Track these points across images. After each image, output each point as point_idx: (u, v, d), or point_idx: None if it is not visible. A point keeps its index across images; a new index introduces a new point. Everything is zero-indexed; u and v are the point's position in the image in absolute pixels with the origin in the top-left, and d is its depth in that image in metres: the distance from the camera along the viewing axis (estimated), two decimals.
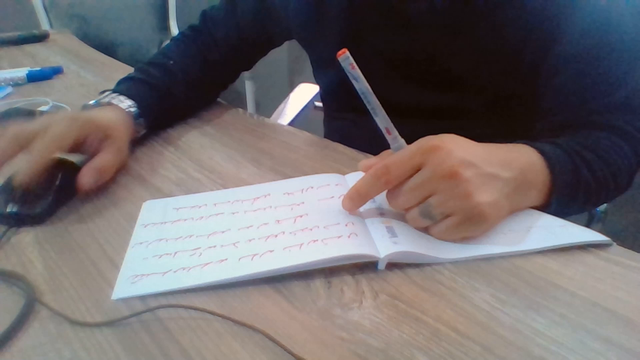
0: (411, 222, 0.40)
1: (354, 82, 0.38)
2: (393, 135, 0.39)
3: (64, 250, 0.41)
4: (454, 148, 0.37)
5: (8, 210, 0.43)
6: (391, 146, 0.40)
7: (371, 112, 0.39)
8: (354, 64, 0.37)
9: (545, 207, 0.44)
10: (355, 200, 0.40)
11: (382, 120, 0.39)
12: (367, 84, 0.38)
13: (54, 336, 0.32)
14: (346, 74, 0.38)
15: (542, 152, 0.43)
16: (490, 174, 0.38)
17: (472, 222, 0.38)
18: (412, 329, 0.32)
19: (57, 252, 0.40)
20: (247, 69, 0.77)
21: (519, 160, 0.41)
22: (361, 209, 0.43)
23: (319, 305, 0.34)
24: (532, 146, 0.44)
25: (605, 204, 0.83)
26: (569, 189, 0.44)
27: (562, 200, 0.44)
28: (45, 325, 0.33)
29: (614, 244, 0.40)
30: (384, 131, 0.39)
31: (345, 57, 0.37)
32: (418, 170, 0.38)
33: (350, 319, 0.33)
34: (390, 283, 0.36)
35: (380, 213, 0.42)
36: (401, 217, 0.41)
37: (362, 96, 0.38)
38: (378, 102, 0.38)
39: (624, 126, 0.49)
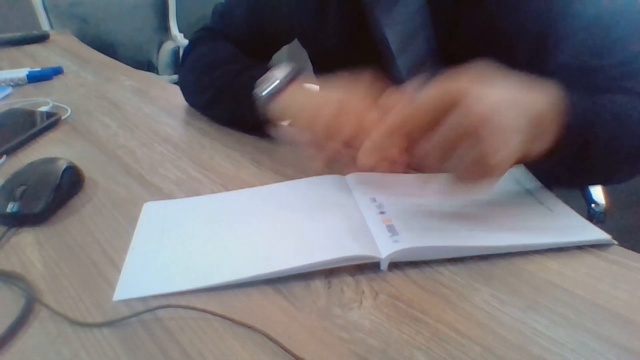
0: (429, 167, 0.38)
1: None
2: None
3: (64, 250, 0.41)
4: (481, 93, 0.35)
5: (8, 210, 0.43)
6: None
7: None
8: None
9: (549, 155, 0.42)
10: (373, 154, 0.39)
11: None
12: None
13: (54, 336, 0.32)
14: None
15: (563, 97, 0.41)
16: (514, 128, 0.36)
17: (485, 175, 0.37)
18: (412, 329, 0.32)
19: (57, 252, 0.40)
20: None
21: (538, 105, 0.39)
22: (362, 209, 0.43)
23: (319, 305, 0.34)
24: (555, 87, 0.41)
25: (604, 204, 0.83)
26: (578, 141, 0.42)
27: (567, 151, 0.42)
28: (45, 325, 0.33)
29: (616, 243, 0.40)
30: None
31: None
32: (443, 112, 0.35)
33: (350, 319, 0.33)
34: (390, 283, 0.36)
35: (381, 212, 0.42)
36: (402, 213, 0.41)
37: None
38: None
39: (633, 87, 0.48)
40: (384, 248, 0.37)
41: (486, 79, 0.37)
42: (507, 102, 0.36)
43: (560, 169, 0.43)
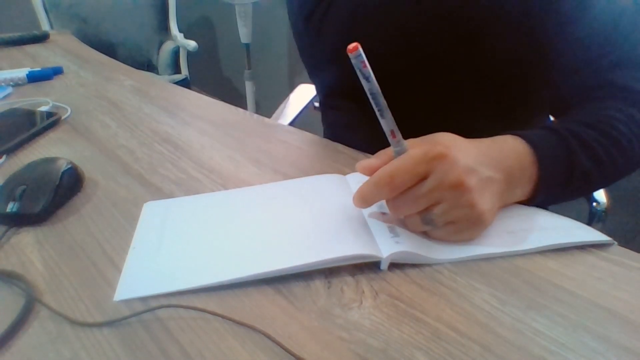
0: (411, 227, 0.40)
1: (364, 81, 0.35)
2: (397, 139, 0.38)
3: (64, 250, 0.41)
4: (458, 155, 0.37)
5: (8, 210, 0.43)
6: (393, 149, 0.39)
7: (378, 113, 0.37)
8: (366, 62, 0.34)
9: (534, 198, 0.43)
10: (361, 206, 0.40)
11: (388, 122, 0.37)
12: (377, 85, 0.35)
13: (54, 336, 0.32)
14: (355, 71, 0.35)
15: (530, 143, 0.43)
16: (488, 178, 0.38)
17: (472, 228, 0.39)
18: (412, 328, 0.32)
19: (57, 252, 0.40)
20: None
21: (507, 158, 0.41)
22: (362, 209, 0.43)
23: (319, 305, 0.34)
24: (521, 136, 0.43)
25: (606, 203, 0.83)
26: (560, 177, 0.44)
27: (551, 189, 0.43)
28: (45, 325, 0.33)
29: (615, 243, 0.40)
30: (388, 134, 0.38)
31: (357, 54, 0.34)
32: (422, 178, 0.37)
33: (350, 319, 0.33)
34: (390, 283, 0.36)
35: (382, 212, 0.42)
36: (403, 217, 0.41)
37: (370, 97, 0.36)
38: (386, 104, 0.37)
39: (629, 83, 0.48)
40: (385, 248, 0.37)
41: (456, 142, 0.39)
42: (481, 160, 0.39)
43: (547, 202, 0.45)
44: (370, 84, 0.35)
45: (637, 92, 0.49)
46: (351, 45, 0.34)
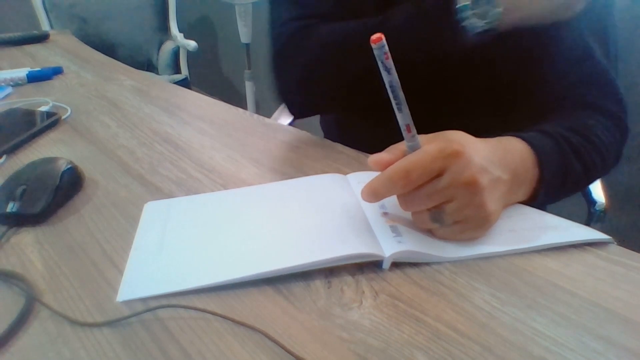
0: (419, 224, 0.40)
1: (385, 73, 0.35)
2: (412, 134, 0.37)
3: (64, 250, 0.41)
4: (472, 153, 0.37)
5: (8, 210, 0.43)
6: (407, 143, 0.38)
7: (395, 107, 0.36)
8: (389, 54, 0.34)
9: (534, 199, 0.45)
10: (370, 201, 0.39)
11: (404, 116, 0.36)
12: (397, 77, 0.35)
13: (54, 336, 0.32)
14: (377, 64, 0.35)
15: (532, 145, 0.44)
16: (498, 178, 0.39)
17: (478, 228, 0.39)
18: (412, 328, 0.32)
19: (57, 252, 0.40)
20: None
21: (513, 159, 0.42)
22: (364, 208, 0.43)
23: (319, 305, 0.34)
24: (523, 139, 0.45)
25: (604, 204, 0.83)
26: (557, 179, 0.45)
27: (549, 190, 0.45)
28: (45, 325, 0.33)
29: (614, 242, 0.40)
30: (403, 128, 0.37)
31: (380, 45, 0.33)
32: (437, 175, 0.36)
33: (350, 319, 0.33)
34: (390, 283, 0.36)
35: (384, 212, 0.42)
36: (404, 216, 0.41)
37: (390, 90, 0.35)
38: (404, 98, 0.36)
39: (596, 100, 0.52)
40: (388, 247, 0.37)
41: (469, 140, 0.39)
42: (492, 160, 0.39)
43: (544, 202, 0.46)
44: (391, 76, 0.35)
45: (602, 107, 0.52)
46: (375, 36, 0.33)
